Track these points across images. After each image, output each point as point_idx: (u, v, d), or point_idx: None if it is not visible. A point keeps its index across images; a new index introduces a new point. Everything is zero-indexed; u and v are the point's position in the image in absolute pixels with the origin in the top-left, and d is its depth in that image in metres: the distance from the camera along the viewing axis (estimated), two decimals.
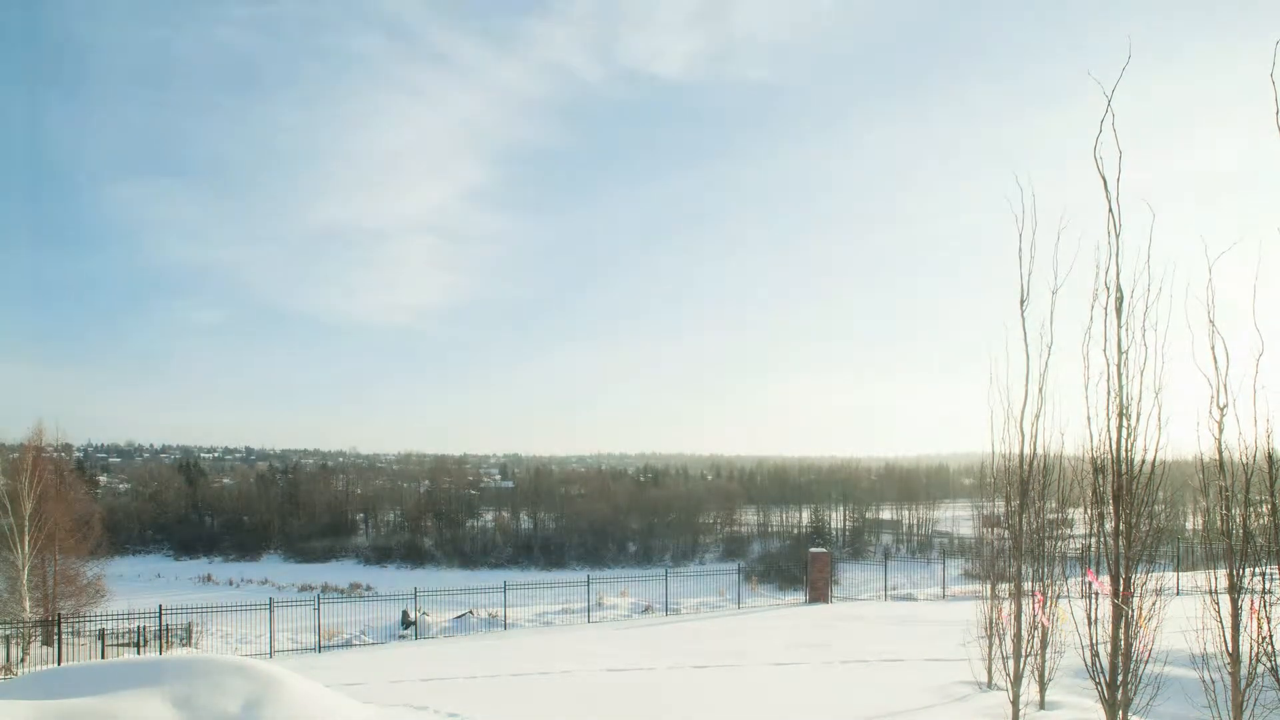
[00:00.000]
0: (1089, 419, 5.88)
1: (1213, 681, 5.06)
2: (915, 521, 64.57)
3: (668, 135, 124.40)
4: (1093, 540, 6.10)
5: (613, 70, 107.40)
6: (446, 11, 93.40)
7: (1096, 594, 6.07)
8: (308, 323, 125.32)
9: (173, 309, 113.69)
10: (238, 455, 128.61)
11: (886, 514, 67.32)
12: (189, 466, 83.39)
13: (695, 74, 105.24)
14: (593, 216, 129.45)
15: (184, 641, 19.72)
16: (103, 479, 79.81)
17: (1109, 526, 5.77)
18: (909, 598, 23.11)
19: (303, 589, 41.52)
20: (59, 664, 15.27)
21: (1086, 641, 6.01)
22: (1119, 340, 5.66)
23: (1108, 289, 5.74)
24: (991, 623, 8.44)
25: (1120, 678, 5.75)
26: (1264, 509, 4.89)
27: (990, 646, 8.56)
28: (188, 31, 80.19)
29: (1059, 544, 8.05)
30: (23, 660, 16.67)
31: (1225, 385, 4.98)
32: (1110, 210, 5.70)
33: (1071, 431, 7.29)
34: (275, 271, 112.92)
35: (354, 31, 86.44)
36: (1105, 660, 5.84)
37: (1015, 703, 7.42)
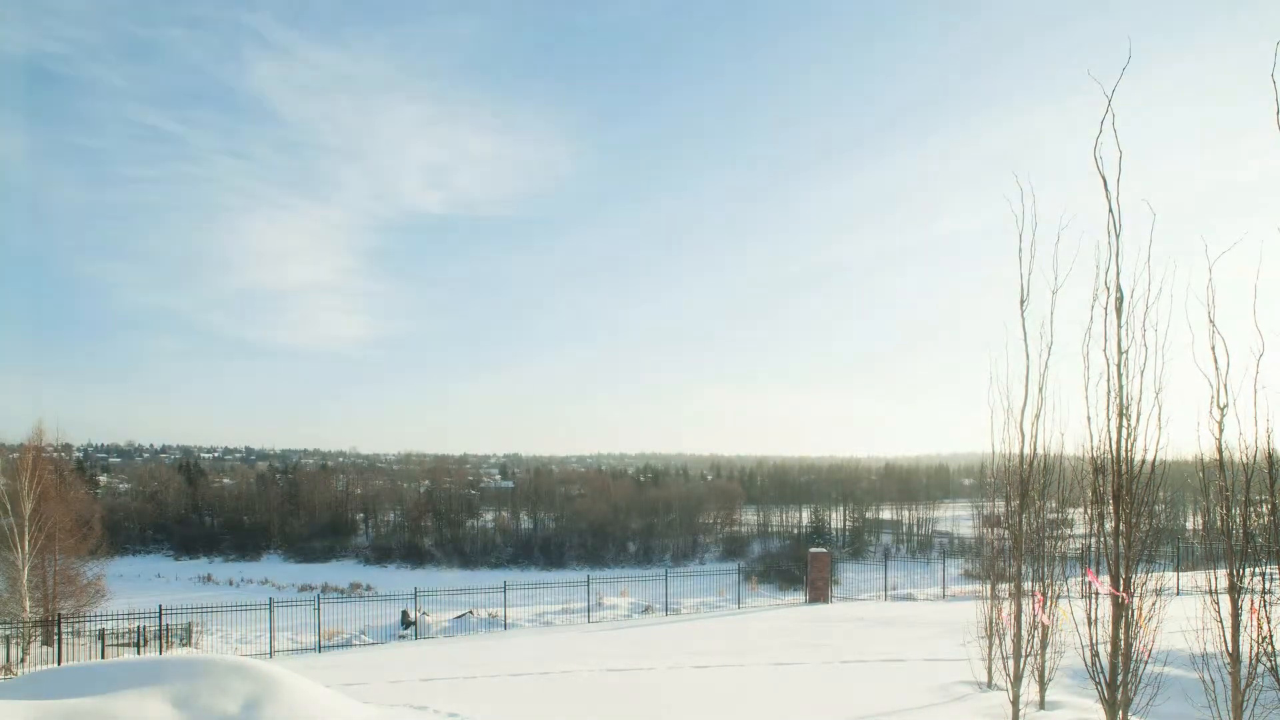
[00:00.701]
0: (1089, 419, 5.88)
1: (1213, 681, 5.05)
2: (915, 521, 64.51)
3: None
4: (1093, 540, 6.10)
5: (400, 210, 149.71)
6: (271, 183, 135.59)
7: (1096, 594, 6.07)
8: (272, 348, 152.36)
9: (148, 336, 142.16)
10: (238, 455, 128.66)
11: (886, 514, 67.29)
12: (189, 466, 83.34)
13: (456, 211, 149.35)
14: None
15: (184, 641, 19.72)
16: (103, 479, 79.78)
17: (1109, 526, 5.77)
18: (909, 598, 23.11)
19: (303, 589, 41.53)
20: (59, 664, 15.26)
21: (1086, 641, 6.01)
22: (1119, 340, 5.66)
23: (1108, 289, 5.74)
24: (991, 623, 8.43)
25: (1120, 678, 5.75)
26: (1264, 509, 4.89)
27: (990, 646, 8.55)
28: (111, 183, 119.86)
29: (1059, 544, 8.05)
30: (23, 660, 16.66)
31: (1225, 385, 4.98)
32: (1110, 210, 5.69)
33: (1071, 431, 7.30)
34: (219, 315, 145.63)
35: (211, 194, 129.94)
36: (1105, 660, 5.84)
37: (1015, 703, 7.42)
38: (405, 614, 21.38)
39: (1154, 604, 5.75)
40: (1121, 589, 5.62)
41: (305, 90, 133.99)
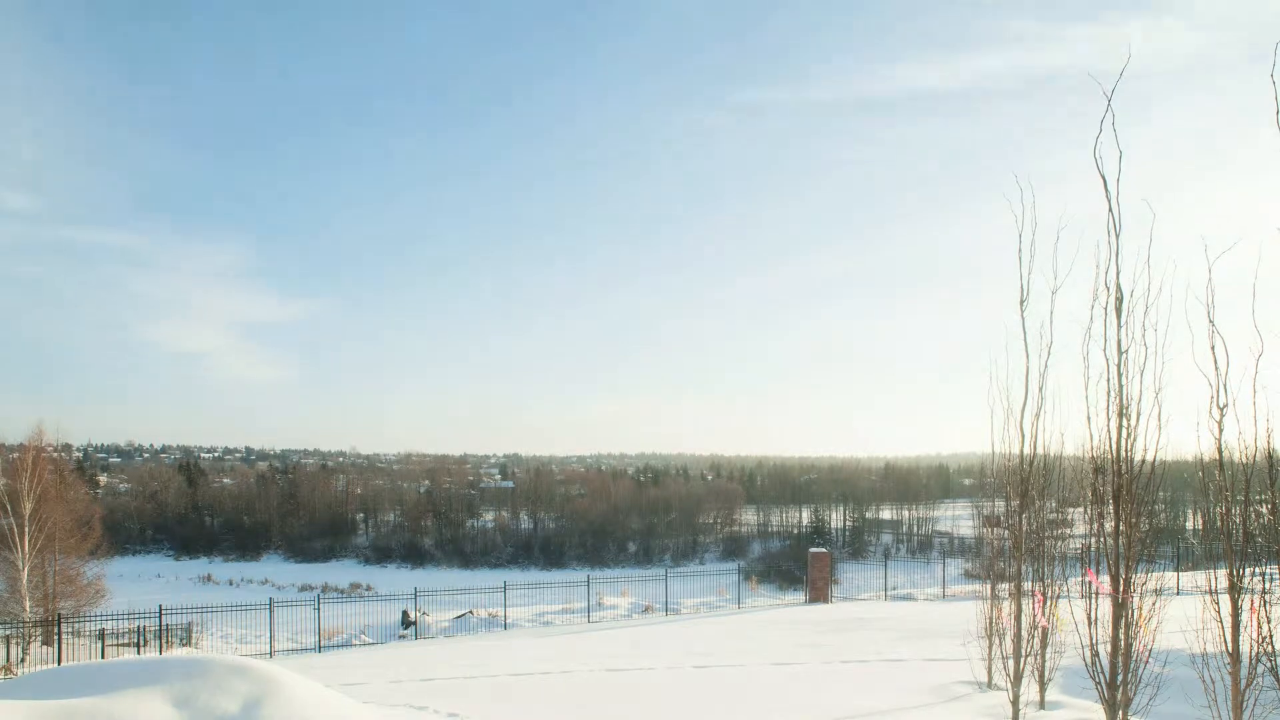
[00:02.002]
0: (1089, 419, 5.88)
1: (1213, 681, 5.05)
2: (915, 521, 64.46)
3: None
4: (1093, 540, 6.10)
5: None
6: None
7: (1096, 594, 6.07)
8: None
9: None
10: (238, 455, 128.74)
11: (886, 514, 67.21)
12: (189, 466, 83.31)
13: None
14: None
15: (184, 641, 19.72)
16: (103, 479, 79.79)
17: (1109, 526, 5.77)
18: (909, 598, 23.11)
19: (303, 589, 41.49)
20: (59, 664, 15.26)
21: (1086, 641, 6.01)
22: (1119, 340, 5.66)
23: (1108, 289, 5.74)
24: (991, 623, 8.44)
25: (1120, 678, 5.75)
26: (1264, 509, 4.89)
27: (990, 646, 8.55)
28: None
29: (1059, 544, 8.05)
30: (23, 660, 16.67)
31: (1225, 385, 4.98)
32: (1110, 210, 5.70)
33: (1071, 431, 7.32)
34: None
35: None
36: (1105, 660, 5.84)
37: (1015, 703, 7.42)
38: (405, 614, 21.39)
39: (1154, 604, 5.75)
40: (1121, 589, 5.62)
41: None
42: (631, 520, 61.53)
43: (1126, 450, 5.62)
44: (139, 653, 17.77)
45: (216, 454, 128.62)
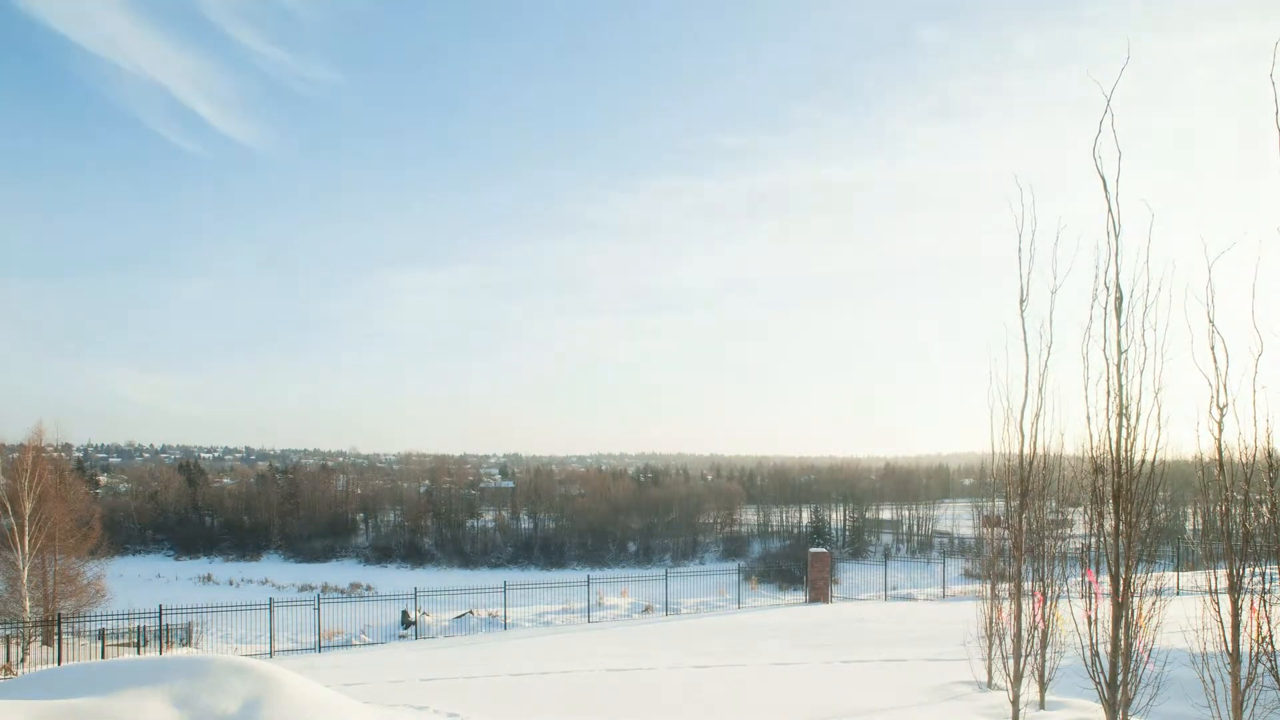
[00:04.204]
0: (1089, 419, 5.88)
1: (1213, 681, 5.06)
2: (915, 521, 64.42)
3: None
4: (1093, 540, 6.10)
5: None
6: None
7: (1096, 594, 6.08)
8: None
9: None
10: (238, 455, 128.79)
11: (886, 514, 67.17)
12: (189, 466, 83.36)
13: None
14: None
15: (184, 641, 19.72)
16: (103, 479, 79.83)
17: (1109, 526, 5.77)
18: (909, 598, 23.12)
19: (303, 589, 41.51)
20: (59, 664, 15.26)
21: (1086, 641, 6.01)
22: (1119, 340, 5.66)
23: (1107, 289, 5.74)
24: (991, 623, 8.44)
25: (1120, 678, 5.75)
26: (1264, 509, 4.89)
27: (990, 646, 8.55)
28: None
29: (1059, 544, 8.05)
30: (23, 660, 16.67)
31: (1225, 385, 4.98)
32: (1110, 210, 5.69)
33: (1071, 431, 7.31)
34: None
35: None
36: (1105, 660, 5.84)
37: (1015, 703, 7.42)
38: (405, 614, 21.39)
39: (1154, 604, 5.75)
40: (1121, 589, 5.62)
41: None
42: (631, 520, 61.48)
43: (1126, 450, 5.62)
44: (139, 653, 17.77)
45: (216, 454, 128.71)
